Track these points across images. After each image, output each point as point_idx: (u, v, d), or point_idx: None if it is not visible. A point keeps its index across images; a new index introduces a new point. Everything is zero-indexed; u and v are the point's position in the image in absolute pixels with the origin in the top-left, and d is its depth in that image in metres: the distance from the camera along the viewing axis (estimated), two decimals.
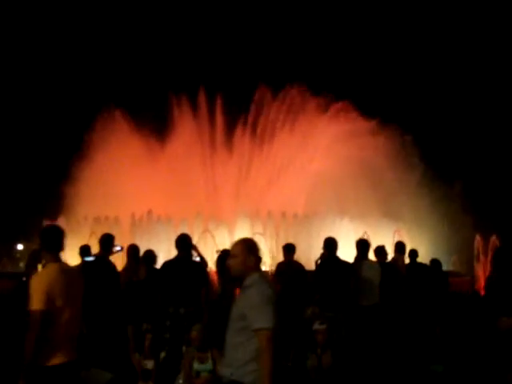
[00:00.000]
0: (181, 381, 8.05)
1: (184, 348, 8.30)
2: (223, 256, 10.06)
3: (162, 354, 8.33)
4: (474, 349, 9.63)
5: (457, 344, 9.80)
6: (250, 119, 30.01)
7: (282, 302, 10.33)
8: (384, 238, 17.83)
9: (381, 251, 11.32)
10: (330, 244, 10.03)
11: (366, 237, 14.20)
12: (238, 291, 10.52)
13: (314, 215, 23.31)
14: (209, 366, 7.86)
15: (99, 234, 10.57)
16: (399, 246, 12.27)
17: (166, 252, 14.79)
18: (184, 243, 8.91)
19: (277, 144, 28.78)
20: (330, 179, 25.06)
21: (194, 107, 29.89)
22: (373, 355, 9.49)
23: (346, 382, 7.78)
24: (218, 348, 7.97)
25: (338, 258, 10.00)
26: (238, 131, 29.57)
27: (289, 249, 10.99)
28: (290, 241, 12.09)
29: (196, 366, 7.86)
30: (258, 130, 29.64)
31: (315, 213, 23.49)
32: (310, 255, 15.19)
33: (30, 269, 11.40)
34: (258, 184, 26.93)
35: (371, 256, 11.01)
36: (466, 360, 9.29)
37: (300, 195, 25.70)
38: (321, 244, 10.29)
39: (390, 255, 11.90)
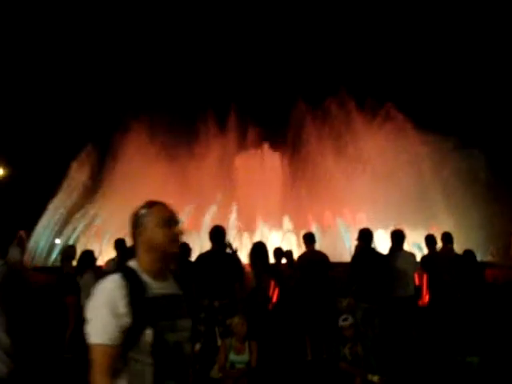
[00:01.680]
0: (215, 372, 8.11)
1: (219, 340, 8.32)
2: (256, 248, 10.07)
3: (197, 346, 8.37)
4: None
5: (493, 335, 9.66)
6: (291, 131, 30.06)
7: (304, 293, 10.39)
8: (419, 230, 17.71)
9: (432, 240, 11.20)
10: (366, 235, 9.96)
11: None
12: (273, 283, 10.59)
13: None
14: (245, 357, 7.88)
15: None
16: (447, 236, 12.04)
17: None
18: (218, 235, 8.90)
19: (318, 157, 28.75)
20: (372, 195, 25.04)
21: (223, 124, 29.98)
22: (408, 347, 9.43)
23: (379, 372, 7.73)
24: (256, 340, 8.02)
25: (373, 250, 9.95)
26: (283, 146, 29.72)
27: (310, 238, 10.95)
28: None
29: (232, 357, 7.89)
30: (300, 143, 29.69)
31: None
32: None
33: (65, 264, 11.70)
34: (301, 200, 26.85)
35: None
36: (503, 351, 9.17)
37: (342, 209, 25.62)
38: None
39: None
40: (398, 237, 10.30)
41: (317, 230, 21.51)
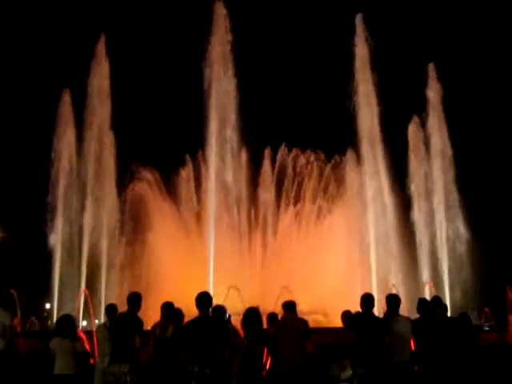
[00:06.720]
0: None
1: None
2: (250, 314, 9.99)
3: None
4: None
5: None
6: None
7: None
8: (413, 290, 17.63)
9: (425, 304, 11.09)
10: (367, 300, 9.90)
11: (394, 291, 13.95)
12: (266, 350, 10.43)
13: None
14: None
15: None
16: (436, 301, 11.88)
17: None
18: (204, 302, 8.86)
19: None
20: None
21: None
22: None
23: None
24: None
25: (372, 315, 9.87)
26: None
27: (288, 307, 10.87)
28: None
29: None
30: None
31: None
32: None
33: None
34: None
35: None
36: None
37: None
38: None
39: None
40: (393, 301, 10.19)
41: None
